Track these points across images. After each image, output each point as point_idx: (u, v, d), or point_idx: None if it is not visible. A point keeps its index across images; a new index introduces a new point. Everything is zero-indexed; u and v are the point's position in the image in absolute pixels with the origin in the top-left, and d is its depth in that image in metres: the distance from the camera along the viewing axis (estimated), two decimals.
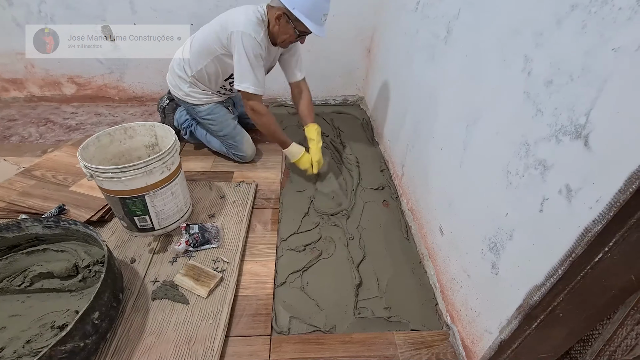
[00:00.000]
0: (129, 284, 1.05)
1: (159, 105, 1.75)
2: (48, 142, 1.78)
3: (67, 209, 1.25)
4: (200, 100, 1.52)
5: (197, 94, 1.51)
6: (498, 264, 0.77)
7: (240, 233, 1.25)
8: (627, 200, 0.48)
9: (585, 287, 0.59)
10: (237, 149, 1.58)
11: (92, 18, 1.85)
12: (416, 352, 0.95)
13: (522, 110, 0.70)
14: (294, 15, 1.21)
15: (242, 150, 1.58)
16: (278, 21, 1.28)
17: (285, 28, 1.29)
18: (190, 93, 1.50)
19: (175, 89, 1.53)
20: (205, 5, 1.85)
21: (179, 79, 1.50)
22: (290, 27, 1.28)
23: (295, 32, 1.29)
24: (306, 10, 1.21)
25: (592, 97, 0.53)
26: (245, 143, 1.58)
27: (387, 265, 1.18)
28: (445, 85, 1.07)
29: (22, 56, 1.97)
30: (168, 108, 1.72)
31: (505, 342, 0.75)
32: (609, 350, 0.72)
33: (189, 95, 1.51)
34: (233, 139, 1.56)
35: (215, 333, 0.94)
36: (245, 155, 1.59)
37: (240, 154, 1.59)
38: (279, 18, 1.27)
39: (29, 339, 0.87)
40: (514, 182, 0.72)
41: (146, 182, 1.07)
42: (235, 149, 1.58)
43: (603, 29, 0.52)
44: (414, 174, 1.32)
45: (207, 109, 1.53)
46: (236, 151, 1.58)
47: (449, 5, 1.05)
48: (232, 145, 1.58)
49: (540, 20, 0.66)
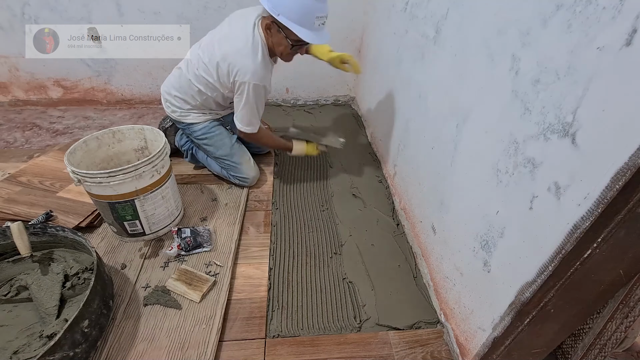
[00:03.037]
0: (119, 291, 1.03)
1: (161, 126, 1.63)
2: (34, 147, 1.74)
3: (54, 215, 1.22)
4: (197, 118, 1.38)
5: (194, 113, 1.37)
6: (490, 261, 0.78)
7: (233, 236, 1.24)
8: (614, 196, 0.49)
9: (575, 282, 0.59)
10: (237, 171, 1.43)
11: (78, 20, 1.82)
12: (411, 350, 0.95)
13: (511, 108, 0.70)
14: (282, 23, 1.07)
15: (242, 171, 1.42)
16: (269, 32, 1.15)
17: (277, 38, 1.15)
18: (186, 113, 1.37)
19: (171, 108, 1.38)
20: (193, 6, 1.83)
21: (179, 100, 1.35)
22: (282, 37, 1.13)
23: (288, 42, 1.14)
24: (294, 15, 1.05)
25: (579, 96, 0.54)
26: (245, 164, 1.43)
27: (380, 264, 1.19)
28: (434, 85, 1.07)
29: (6, 59, 1.93)
30: (170, 130, 1.60)
31: (499, 339, 0.75)
32: (599, 344, 0.74)
33: (184, 113, 1.37)
34: (231, 158, 1.41)
35: (209, 338, 0.93)
36: (247, 177, 1.43)
37: (241, 176, 1.43)
38: (269, 28, 1.14)
39: (17, 350, 0.85)
40: (504, 180, 0.72)
41: (136, 187, 1.06)
42: (234, 171, 1.43)
43: (588, 28, 0.53)
44: (406, 173, 1.32)
45: (202, 128, 1.38)
46: (236, 173, 1.43)
47: (437, 6, 1.06)
48: (232, 167, 1.43)
49: (526, 20, 0.66)
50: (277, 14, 1.06)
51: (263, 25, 1.15)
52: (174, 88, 1.35)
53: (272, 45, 1.18)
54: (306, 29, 1.08)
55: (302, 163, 1.67)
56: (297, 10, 1.05)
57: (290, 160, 1.69)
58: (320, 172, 1.62)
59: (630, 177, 0.46)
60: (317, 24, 1.09)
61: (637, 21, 0.45)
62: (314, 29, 1.10)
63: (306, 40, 1.10)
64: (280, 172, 1.62)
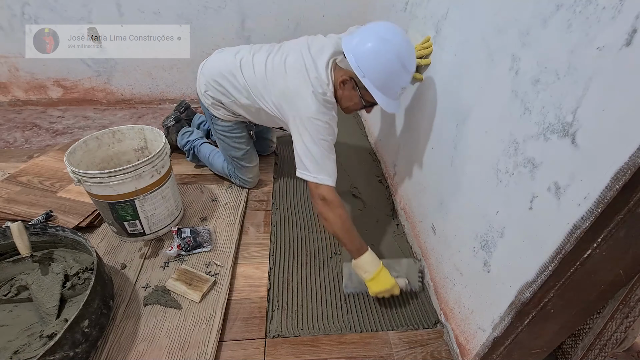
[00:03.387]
0: (119, 291, 1.03)
1: (164, 124, 1.64)
2: (34, 147, 1.74)
3: (54, 215, 1.22)
4: (225, 116, 1.31)
5: (225, 110, 1.29)
6: (490, 261, 0.78)
7: (233, 236, 1.24)
8: (614, 196, 0.49)
9: (575, 282, 0.59)
10: (242, 173, 1.42)
11: (78, 20, 1.82)
12: (411, 350, 0.95)
13: (511, 108, 0.70)
14: (362, 83, 0.97)
15: (246, 174, 1.43)
16: (343, 85, 1.03)
17: (351, 95, 1.04)
18: (219, 106, 1.29)
19: (206, 94, 1.27)
20: (193, 6, 1.83)
21: (218, 89, 1.24)
22: (356, 95, 1.03)
23: (361, 102, 1.05)
24: (379, 82, 0.94)
25: (579, 96, 0.54)
26: (251, 169, 1.43)
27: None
28: (434, 85, 1.07)
29: (6, 59, 1.93)
30: (172, 129, 1.61)
31: (499, 339, 0.75)
32: (599, 344, 0.74)
33: (216, 105, 1.28)
34: (240, 162, 1.39)
35: (209, 338, 0.93)
36: (250, 181, 1.45)
37: (244, 178, 1.44)
38: (345, 82, 1.03)
39: (17, 350, 0.85)
40: (504, 180, 0.72)
41: (136, 187, 1.06)
42: (240, 172, 1.43)
43: (588, 28, 0.53)
44: (406, 173, 1.32)
45: (227, 125, 1.33)
46: (241, 174, 1.43)
47: (437, 5, 1.05)
48: (237, 167, 1.42)
49: (526, 19, 0.66)
50: (362, 76, 0.95)
51: (337, 75, 1.04)
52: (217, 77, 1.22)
53: (339, 97, 1.06)
54: (387, 96, 0.98)
55: None
56: (385, 78, 0.94)
57: (290, 160, 1.68)
58: None
59: (630, 177, 0.46)
60: (398, 94, 1.00)
61: (637, 21, 0.45)
62: (394, 98, 1.00)
63: (386, 110, 1.00)
64: (280, 172, 1.62)
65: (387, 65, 0.93)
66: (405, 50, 0.94)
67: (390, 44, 0.92)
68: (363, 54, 0.93)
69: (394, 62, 0.93)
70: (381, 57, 0.92)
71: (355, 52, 0.94)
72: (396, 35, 0.93)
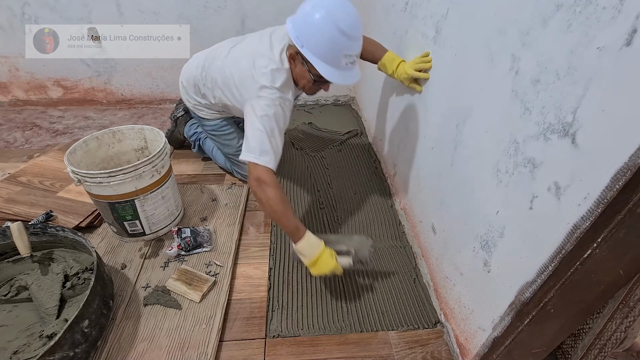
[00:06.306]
0: (119, 291, 1.03)
1: (172, 114, 1.65)
2: (34, 147, 1.74)
3: (54, 215, 1.22)
4: (210, 115, 1.36)
5: (207, 109, 1.34)
6: (490, 261, 0.78)
7: (233, 236, 1.24)
8: (614, 196, 0.49)
9: (575, 282, 0.59)
10: (241, 169, 1.47)
11: (78, 20, 1.82)
12: (411, 350, 0.95)
13: (511, 108, 0.70)
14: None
15: (245, 170, 1.44)
16: (293, 62, 1.02)
17: (300, 70, 1.01)
18: (200, 107, 1.34)
19: (186, 97, 1.35)
20: (193, 6, 1.83)
21: (193, 90, 1.31)
22: (304, 70, 0.99)
23: (310, 77, 1.00)
24: (319, 50, 0.90)
25: (579, 96, 0.54)
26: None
27: (380, 264, 1.19)
28: (434, 85, 1.07)
29: (6, 59, 1.93)
30: (181, 120, 1.62)
31: (499, 339, 0.75)
32: (599, 344, 0.74)
33: (198, 106, 1.34)
34: (236, 158, 1.41)
35: (209, 338, 0.93)
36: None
37: (244, 174, 1.47)
38: (293, 58, 1.00)
39: (17, 350, 0.85)
40: (504, 180, 0.72)
41: (136, 187, 1.06)
42: (239, 168, 1.48)
43: (588, 28, 0.53)
44: (406, 173, 1.32)
45: (215, 124, 1.37)
46: (241, 170, 1.48)
47: (437, 6, 1.05)
48: (235, 164, 1.47)
49: (526, 19, 0.66)
50: (300, 46, 0.92)
51: (289, 51, 1.02)
52: (191, 78, 1.30)
53: (295, 75, 1.05)
54: (331, 66, 0.93)
55: (301, 163, 1.67)
56: (323, 45, 0.90)
57: (290, 161, 1.69)
58: (320, 172, 1.62)
59: (630, 177, 0.46)
60: (345, 63, 0.94)
61: (637, 21, 0.45)
62: (340, 68, 0.94)
63: (328, 80, 0.96)
64: (280, 171, 1.62)
65: (322, 31, 0.88)
66: (342, 14, 0.88)
67: (324, 8, 0.87)
68: (297, 22, 0.92)
69: (330, 28, 0.87)
70: (315, 24, 0.88)
71: (293, 20, 0.94)
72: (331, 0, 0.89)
